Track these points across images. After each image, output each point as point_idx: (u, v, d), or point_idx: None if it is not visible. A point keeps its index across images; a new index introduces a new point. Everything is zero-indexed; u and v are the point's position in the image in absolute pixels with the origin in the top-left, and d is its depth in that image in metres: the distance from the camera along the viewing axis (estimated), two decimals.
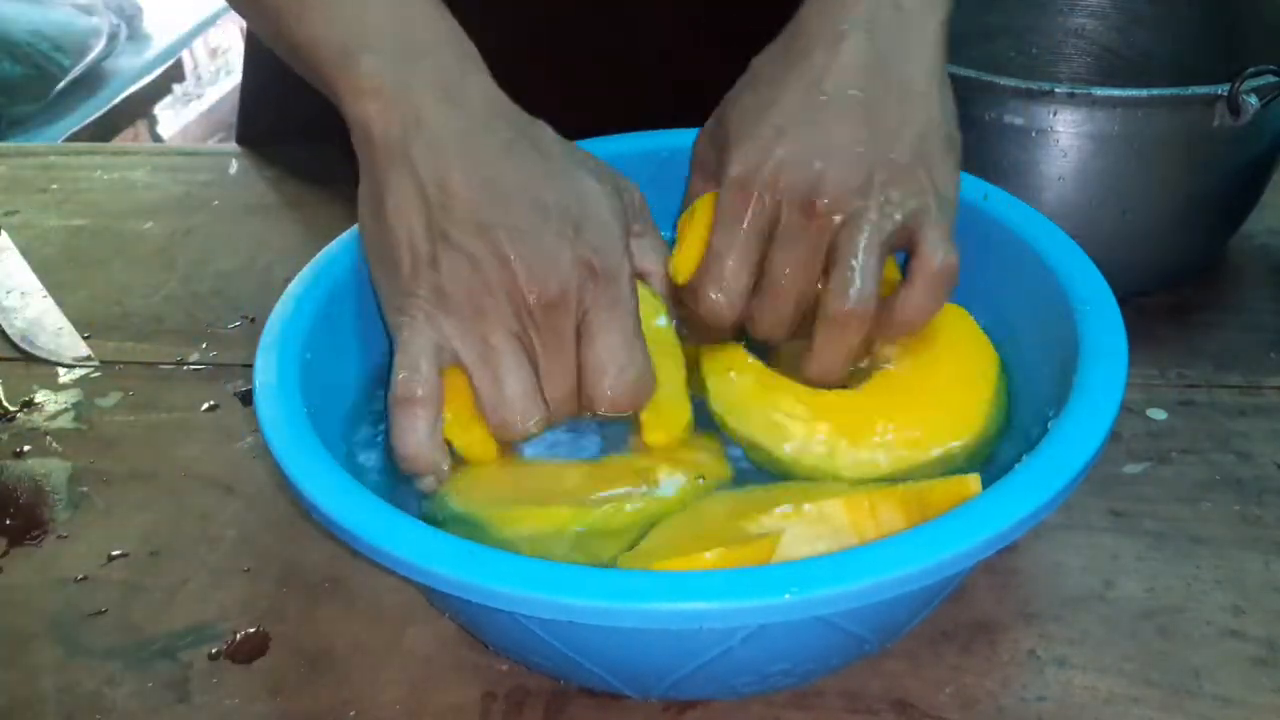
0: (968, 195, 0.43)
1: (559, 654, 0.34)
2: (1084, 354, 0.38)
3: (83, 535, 0.47)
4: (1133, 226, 0.53)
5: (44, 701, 0.39)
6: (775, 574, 0.30)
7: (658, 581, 0.31)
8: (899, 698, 0.38)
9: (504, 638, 0.37)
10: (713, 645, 0.33)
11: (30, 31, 1.80)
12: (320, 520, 0.34)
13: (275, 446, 0.36)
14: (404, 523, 0.33)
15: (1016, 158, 0.52)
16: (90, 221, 0.69)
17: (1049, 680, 0.38)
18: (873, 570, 0.30)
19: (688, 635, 0.32)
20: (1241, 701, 0.37)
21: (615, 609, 0.30)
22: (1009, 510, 0.32)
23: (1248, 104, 0.49)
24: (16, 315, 0.61)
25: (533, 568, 0.31)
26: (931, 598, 0.36)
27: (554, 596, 0.30)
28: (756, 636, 0.32)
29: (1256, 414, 0.49)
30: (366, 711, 0.38)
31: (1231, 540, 0.43)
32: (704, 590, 0.30)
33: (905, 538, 0.31)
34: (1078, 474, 0.33)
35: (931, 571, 0.30)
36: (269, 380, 0.38)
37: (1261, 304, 0.56)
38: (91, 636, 0.42)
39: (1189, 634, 0.40)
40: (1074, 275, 0.41)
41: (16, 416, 0.54)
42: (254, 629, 0.42)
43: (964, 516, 0.32)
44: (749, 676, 0.35)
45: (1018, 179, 0.53)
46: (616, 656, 0.35)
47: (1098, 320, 0.39)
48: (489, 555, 0.32)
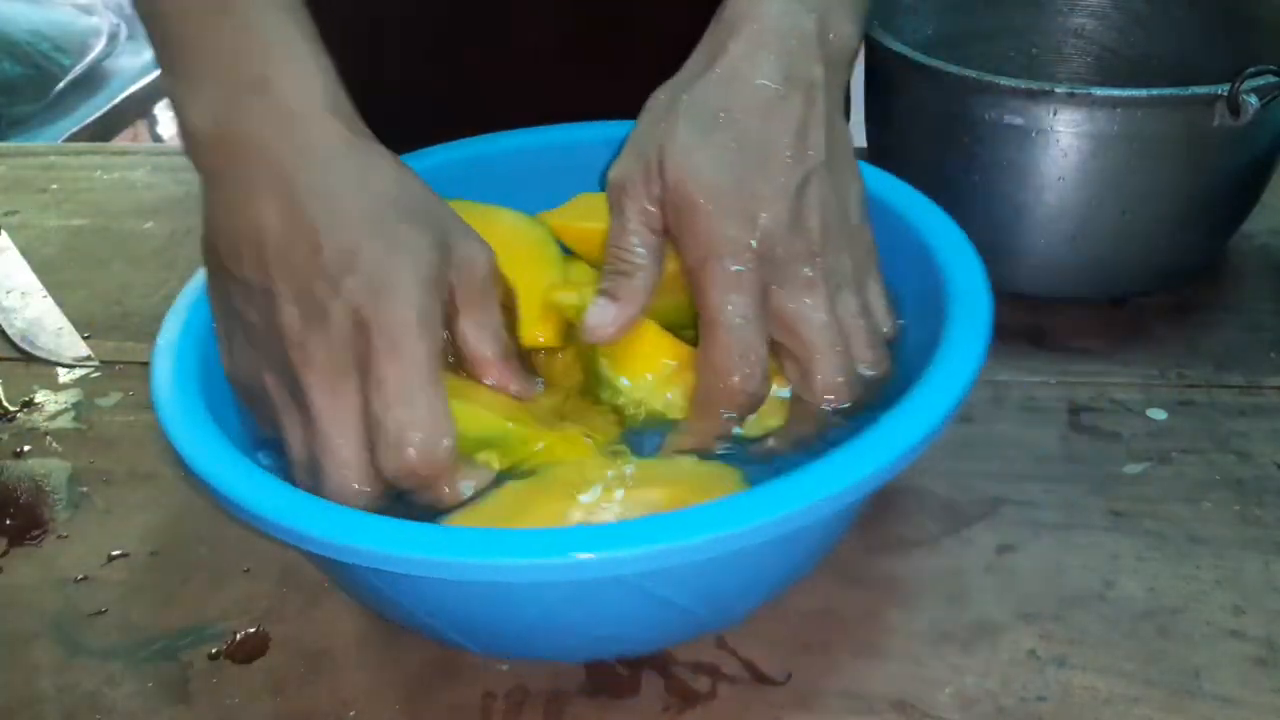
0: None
1: (397, 605, 0.37)
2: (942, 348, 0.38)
3: (83, 535, 0.47)
4: (1133, 226, 0.53)
5: (44, 701, 0.39)
6: (558, 536, 0.32)
7: (450, 535, 0.33)
8: (899, 698, 0.38)
9: (354, 587, 0.39)
10: (529, 604, 0.34)
11: (30, 31, 1.80)
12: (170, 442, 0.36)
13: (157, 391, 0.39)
14: (243, 466, 0.35)
15: (1016, 158, 0.52)
16: (90, 221, 0.69)
17: (1049, 680, 0.38)
18: (643, 539, 0.31)
19: (505, 591, 0.34)
20: (1241, 701, 0.37)
21: (402, 557, 0.32)
22: (788, 499, 0.32)
23: (1248, 104, 0.49)
24: (16, 315, 0.61)
25: (339, 515, 0.33)
26: (758, 572, 0.37)
27: (351, 542, 0.32)
28: (572, 598, 0.34)
29: (1256, 414, 0.49)
30: (366, 711, 0.38)
31: (1231, 540, 0.43)
32: (483, 546, 0.32)
33: (697, 510, 0.32)
34: (870, 475, 0.34)
35: (701, 547, 0.31)
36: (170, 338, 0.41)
37: (1261, 304, 0.56)
38: (91, 636, 0.42)
39: (1189, 634, 0.40)
40: (947, 252, 0.43)
41: (16, 416, 0.54)
42: (254, 629, 0.42)
43: (749, 498, 0.33)
44: (578, 639, 0.37)
45: (1018, 179, 0.52)
46: (450, 610, 0.36)
47: (963, 313, 0.40)
48: (310, 501, 0.34)
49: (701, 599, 0.36)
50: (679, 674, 0.39)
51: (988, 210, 0.54)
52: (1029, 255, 0.55)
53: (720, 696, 0.38)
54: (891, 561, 0.43)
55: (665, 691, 0.38)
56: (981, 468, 0.47)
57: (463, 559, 0.31)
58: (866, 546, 0.44)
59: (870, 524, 0.45)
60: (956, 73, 0.52)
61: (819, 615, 0.41)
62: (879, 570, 0.43)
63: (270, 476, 0.35)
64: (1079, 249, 0.54)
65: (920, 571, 0.42)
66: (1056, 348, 0.54)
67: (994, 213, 0.54)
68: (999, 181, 0.51)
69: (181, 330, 0.41)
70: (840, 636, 0.40)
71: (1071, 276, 0.55)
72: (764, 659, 0.39)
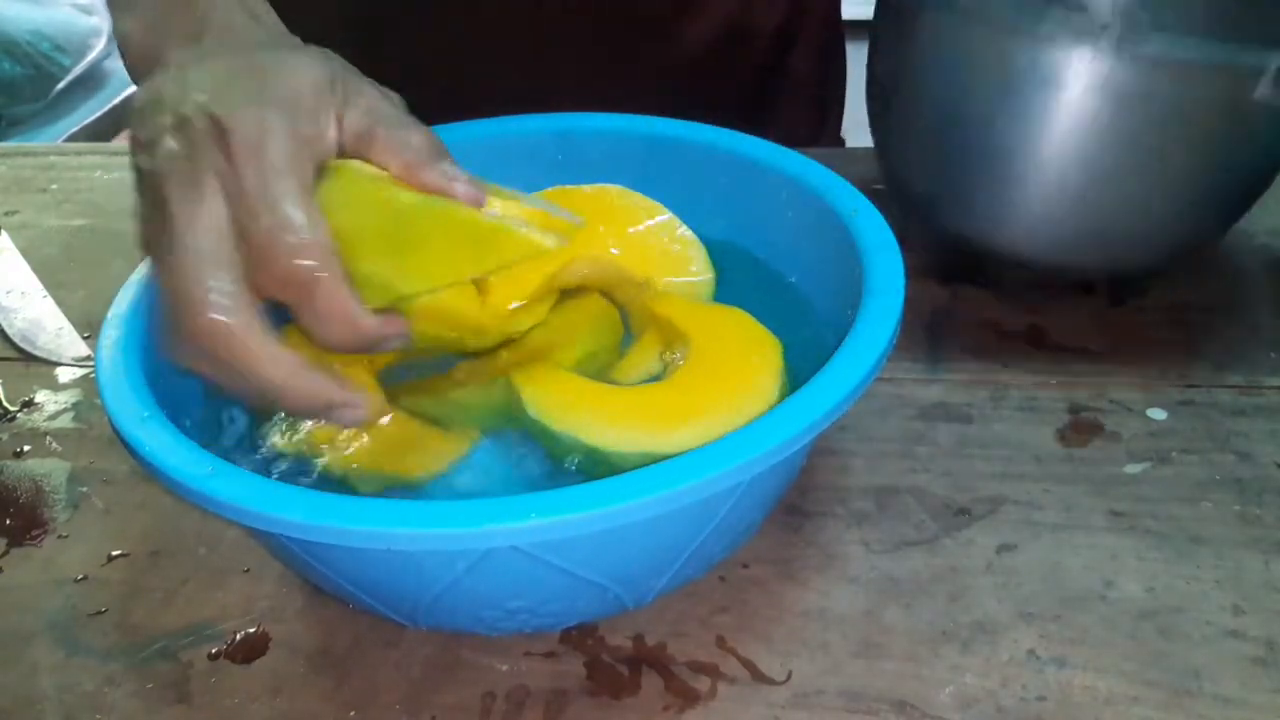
0: (754, 154, 0.48)
1: (321, 575, 0.38)
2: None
3: (83, 535, 0.47)
4: (1143, 195, 0.50)
5: (44, 701, 0.39)
6: (436, 507, 0.32)
7: (355, 505, 0.33)
8: (899, 698, 0.38)
9: (282, 554, 0.40)
10: (441, 573, 0.35)
11: (30, 31, 1.80)
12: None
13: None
14: (167, 431, 0.36)
15: (1029, 105, 0.48)
16: (90, 221, 0.69)
17: (1049, 680, 0.38)
18: (541, 510, 0.32)
19: (415, 560, 0.35)
20: (1241, 701, 0.37)
21: (312, 525, 0.32)
22: (682, 472, 0.33)
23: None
24: (16, 315, 0.61)
25: (256, 483, 0.34)
26: (668, 549, 0.38)
27: (265, 510, 0.33)
28: (479, 568, 0.34)
29: (1256, 414, 0.49)
30: (366, 711, 0.38)
31: (1231, 540, 0.43)
32: (363, 514, 0.32)
33: (606, 483, 0.33)
34: (773, 448, 0.34)
35: (603, 517, 0.32)
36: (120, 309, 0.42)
37: (1261, 304, 0.56)
38: (91, 636, 0.42)
39: (1189, 634, 0.40)
40: (861, 225, 0.44)
41: (16, 416, 0.54)
42: (254, 629, 0.42)
43: (656, 470, 0.33)
44: (494, 611, 0.38)
45: (1031, 129, 0.49)
46: (360, 577, 0.37)
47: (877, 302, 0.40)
48: (219, 464, 0.35)
49: (608, 574, 0.37)
50: (679, 674, 0.39)
51: (992, 161, 0.51)
52: (1029, 213, 0.51)
53: (720, 696, 0.38)
54: (891, 561, 0.43)
55: (665, 691, 0.38)
56: (981, 468, 0.47)
57: (341, 525, 0.32)
58: (867, 546, 0.44)
59: (870, 524, 0.45)
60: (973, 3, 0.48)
61: (819, 615, 0.41)
62: (879, 570, 0.43)
63: (179, 434, 0.36)
64: (1083, 212, 0.51)
65: (920, 571, 0.42)
66: (1056, 348, 0.54)
67: (998, 166, 0.51)
68: (1009, 131, 0.48)
69: (133, 301, 0.42)
70: (840, 636, 0.40)
71: (1070, 243, 0.52)
72: (764, 659, 0.39)
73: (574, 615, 0.40)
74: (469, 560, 0.34)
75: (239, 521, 0.33)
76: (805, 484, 0.47)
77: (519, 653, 0.40)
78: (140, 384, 0.38)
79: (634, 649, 0.40)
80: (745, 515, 0.40)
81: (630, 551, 0.37)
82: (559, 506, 0.32)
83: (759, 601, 0.42)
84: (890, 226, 0.43)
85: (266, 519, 0.33)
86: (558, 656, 0.40)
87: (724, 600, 0.42)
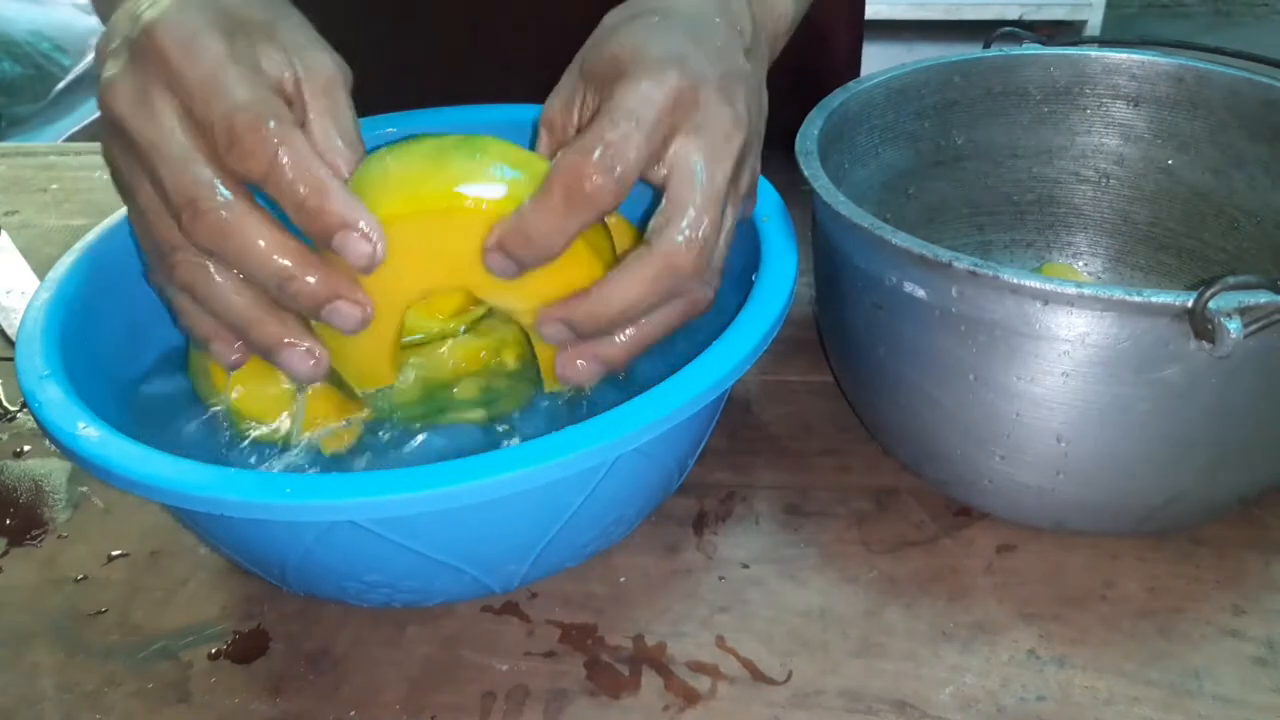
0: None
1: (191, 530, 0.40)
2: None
3: (83, 535, 0.47)
4: (1075, 462, 0.38)
5: (44, 701, 0.39)
6: (274, 480, 0.34)
7: (199, 471, 0.34)
8: (899, 698, 0.38)
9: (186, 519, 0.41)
10: (294, 543, 0.37)
11: (30, 31, 1.80)
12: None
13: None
14: (61, 389, 0.38)
15: (918, 338, 0.39)
16: (90, 221, 0.69)
17: (1049, 680, 0.38)
18: (384, 489, 0.33)
19: (267, 528, 0.36)
20: (1241, 701, 0.37)
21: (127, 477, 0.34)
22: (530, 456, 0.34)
23: (1225, 329, 0.32)
24: (17, 315, 0.61)
25: (124, 445, 0.35)
26: (520, 535, 0.38)
27: (118, 470, 0.34)
28: (325, 540, 0.36)
29: None
30: (366, 711, 0.38)
31: (1231, 540, 0.43)
32: (209, 481, 0.34)
33: (472, 461, 0.33)
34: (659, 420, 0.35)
35: (452, 496, 0.33)
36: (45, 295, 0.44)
37: None
38: (91, 636, 0.42)
39: (1189, 634, 0.40)
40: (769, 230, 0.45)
41: (16, 416, 0.54)
42: (254, 629, 0.42)
43: (517, 452, 0.34)
44: (354, 583, 0.39)
45: (921, 364, 0.40)
46: (230, 536, 0.39)
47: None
48: (105, 430, 0.36)
49: (453, 555, 0.38)
50: (679, 674, 0.39)
51: (895, 394, 0.42)
52: (948, 454, 0.42)
53: (720, 696, 0.38)
54: (891, 561, 0.43)
55: (665, 691, 0.38)
56: None
57: (181, 489, 0.34)
58: (867, 546, 0.44)
59: (870, 524, 0.45)
60: (847, 217, 0.39)
61: (819, 615, 0.41)
62: (879, 570, 0.43)
63: (71, 393, 0.38)
64: (1001, 467, 0.40)
65: (920, 571, 0.43)
66: None
67: (902, 399, 0.42)
68: (903, 364, 0.40)
69: (69, 269, 0.46)
70: (840, 636, 0.40)
71: (1010, 496, 0.42)
72: (764, 659, 0.39)
73: (436, 594, 0.41)
74: (315, 532, 0.36)
75: (107, 482, 0.35)
76: (805, 484, 0.47)
77: (519, 653, 0.40)
78: (54, 344, 0.40)
79: (634, 649, 0.40)
80: (611, 509, 0.40)
81: (478, 535, 0.38)
82: (388, 486, 0.33)
83: (759, 601, 0.42)
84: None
85: (121, 479, 0.34)
86: (558, 656, 0.40)
87: (724, 600, 0.42)
